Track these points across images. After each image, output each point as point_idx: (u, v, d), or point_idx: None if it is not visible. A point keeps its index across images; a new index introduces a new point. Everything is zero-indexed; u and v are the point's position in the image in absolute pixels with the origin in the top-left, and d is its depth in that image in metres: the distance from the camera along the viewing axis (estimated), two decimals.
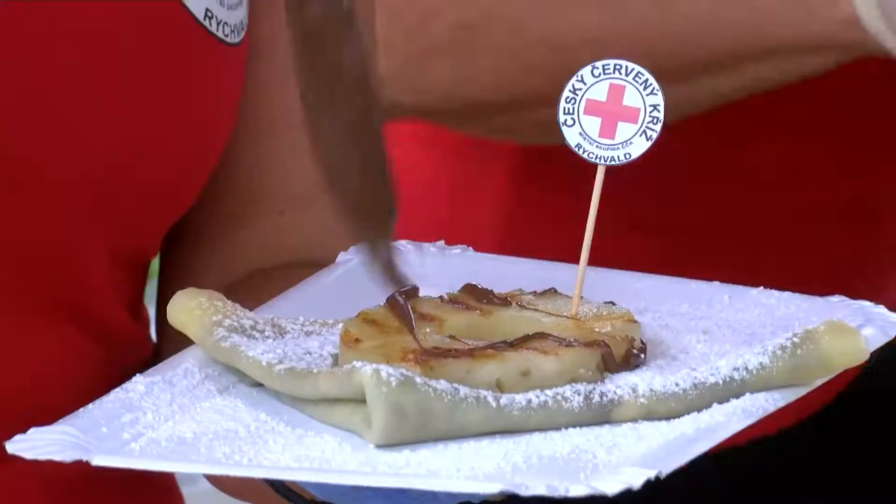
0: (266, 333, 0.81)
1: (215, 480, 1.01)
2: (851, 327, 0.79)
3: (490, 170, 1.56)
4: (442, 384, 0.72)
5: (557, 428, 0.74)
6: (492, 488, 0.66)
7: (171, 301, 0.84)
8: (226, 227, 1.05)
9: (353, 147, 0.85)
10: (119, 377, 0.86)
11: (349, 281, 0.91)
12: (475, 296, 0.84)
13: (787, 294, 0.90)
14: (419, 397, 0.70)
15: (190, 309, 0.82)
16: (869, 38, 1.29)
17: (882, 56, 1.32)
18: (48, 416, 0.82)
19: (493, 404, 0.73)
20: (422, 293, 0.86)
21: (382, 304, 0.82)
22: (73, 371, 0.95)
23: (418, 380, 0.71)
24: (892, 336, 0.82)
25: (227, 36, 0.99)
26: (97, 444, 0.72)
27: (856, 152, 1.60)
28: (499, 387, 0.74)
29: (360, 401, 0.71)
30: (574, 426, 0.74)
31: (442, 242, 1.36)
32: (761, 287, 0.91)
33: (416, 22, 1.39)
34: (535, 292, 0.86)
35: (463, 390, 0.73)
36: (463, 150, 1.56)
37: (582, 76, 0.84)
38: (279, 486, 0.85)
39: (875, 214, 1.63)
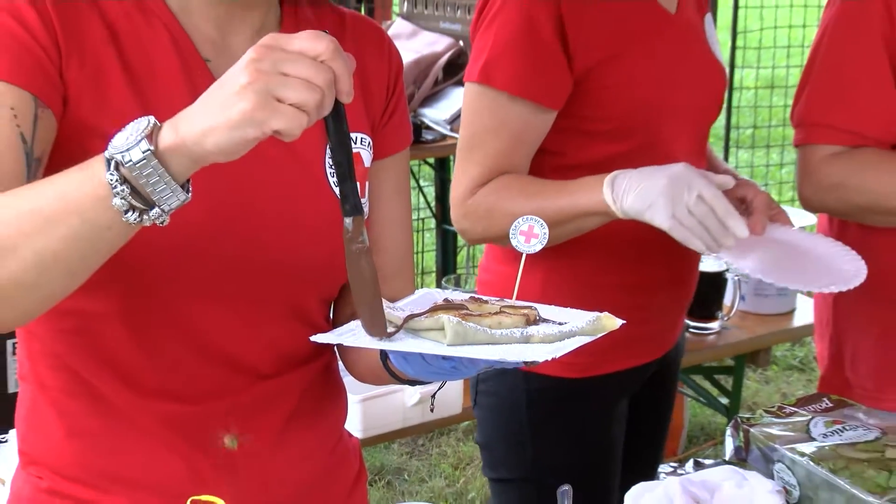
0: (397, 309, 1.15)
1: (357, 374, 1.36)
2: (611, 315, 1.15)
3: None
4: (470, 324, 1.09)
5: (510, 343, 1.11)
6: (495, 357, 1.05)
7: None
8: None
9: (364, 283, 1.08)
10: (322, 346, 1.24)
11: (419, 298, 1.23)
12: (475, 298, 1.18)
13: (575, 310, 1.20)
14: (463, 328, 1.08)
15: None
16: (614, 213, 1.61)
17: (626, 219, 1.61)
18: (300, 363, 1.27)
19: (489, 333, 1.11)
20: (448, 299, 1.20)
21: (444, 299, 1.17)
22: (308, 347, 1.22)
23: (463, 322, 1.08)
24: (620, 325, 1.15)
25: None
26: (343, 338, 1.11)
27: None
28: (490, 328, 1.11)
29: (441, 329, 1.09)
30: (517, 343, 1.11)
31: (451, 289, 1.89)
32: (569, 307, 1.21)
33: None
34: (499, 299, 1.20)
35: (478, 327, 1.10)
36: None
37: (520, 220, 1.21)
38: (392, 372, 1.20)
39: None
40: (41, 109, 1.09)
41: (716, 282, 3.03)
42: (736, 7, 4.91)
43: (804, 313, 3.28)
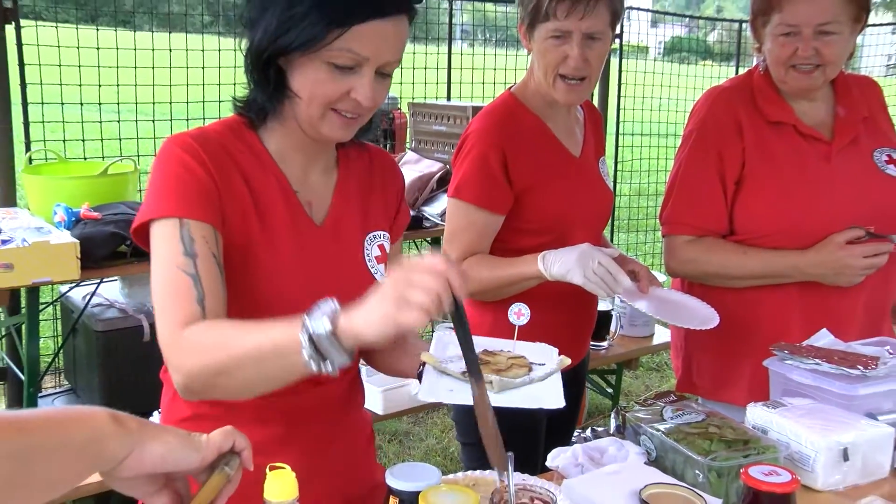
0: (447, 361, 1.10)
1: (386, 372, 1.30)
2: (566, 357, 1.14)
3: None
4: (505, 378, 1.06)
5: (524, 385, 1.07)
6: (534, 406, 1.01)
7: (423, 354, 1.12)
8: None
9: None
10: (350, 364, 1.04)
11: (436, 343, 1.19)
12: (487, 352, 1.18)
13: (542, 346, 1.19)
14: (502, 382, 1.05)
15: (426, 354, 1.13)
16: (546, 277, 1.58)
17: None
18: (339, 375, 1.02)
19: (514, 381, 1.06)
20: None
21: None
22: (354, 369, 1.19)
23: (503, 378, 1.05)
24: (569, 363, 1.12)
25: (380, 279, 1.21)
26: (442, 397, 1.03)
27: None
28: (513, 378, 1.09)
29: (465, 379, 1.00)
30: (527, 385, 1.08)
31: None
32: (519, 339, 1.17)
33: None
34: (508, 351, 1.19)
35: (507, 379, 1.06)
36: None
37: (514, 306, 1.20)
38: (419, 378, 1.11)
39: None
40: (217, 234, 1.07)
41: (606, 317, 3.06)
42: (617, 146, 4.99)
43: (659, 336, 3.29)
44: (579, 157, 1.76)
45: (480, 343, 1.19)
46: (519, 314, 1.21)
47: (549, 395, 1.04)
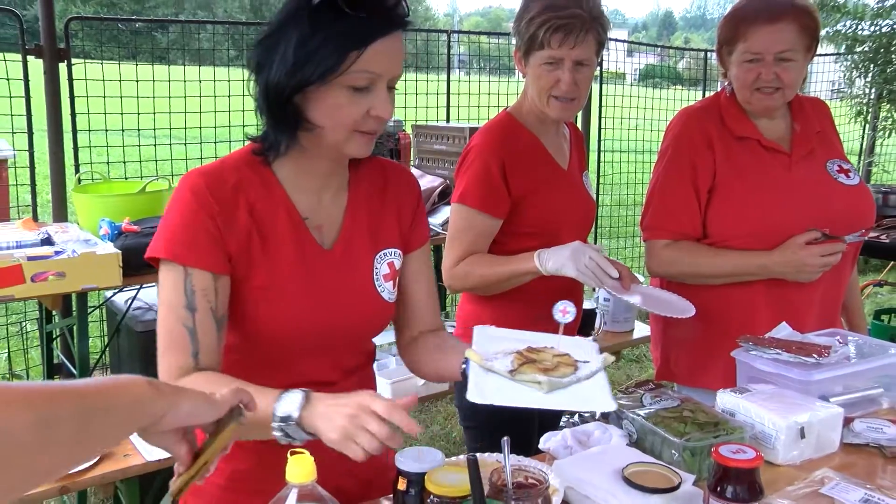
0: (488, 355, 1.02)
1: (429, 378, 1.22)
2: (609, 354, 1.06)
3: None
4: (553, 378, 0.95)
5: (571, 385, 0.97)
6: (584, 409, 0.96)
7: (467, 351, 1.04)
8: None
9: None
10: (363, 362, 1.16)
11: (478, 337, 1.11)
12: (534, 348, 1.07)
13: (583, 341, 1.10)
14: (551, 382, 0.95)
15: (471, 351, 1.05)
16: (541, 272, 1.55)
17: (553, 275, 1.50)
18: (350, 373, 1.14)
19: (562, 381, 0.95)
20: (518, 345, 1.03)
21: (516, 351, 1.02)
22: (353, 363, 1.14)
23: (552, 379, 0.94)
24: (610, 362, 1.04)
25: (391, 301, 1.18)
26: (492, 398, 0.93)
27: None
28: (561, 377, 1.00)
29: (503, 375, 0.96)
30: (574, 384, 0.97)
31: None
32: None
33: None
34: (552, 348, 1.07)
35: (555, 379, 0.97)
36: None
37: (559, 303, 1.14)
38: (463, 376, 1.04)
39: None
40: (219, 279, 1.02)
41: (591, 314, 3.03)
42: (599, 161, 4.97)
43: (639, 331, 3.24)
44: (567, 170, 1.76)
45: (524, 339, 1.11)
46: (565, 312, 1.14)
47: (597, 396, 0.95)
